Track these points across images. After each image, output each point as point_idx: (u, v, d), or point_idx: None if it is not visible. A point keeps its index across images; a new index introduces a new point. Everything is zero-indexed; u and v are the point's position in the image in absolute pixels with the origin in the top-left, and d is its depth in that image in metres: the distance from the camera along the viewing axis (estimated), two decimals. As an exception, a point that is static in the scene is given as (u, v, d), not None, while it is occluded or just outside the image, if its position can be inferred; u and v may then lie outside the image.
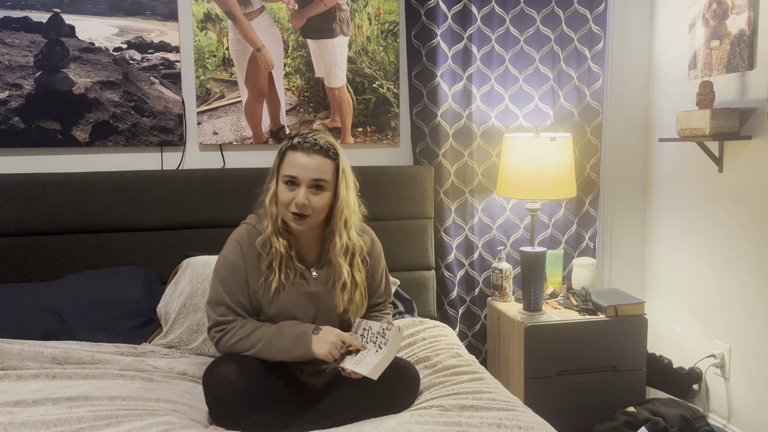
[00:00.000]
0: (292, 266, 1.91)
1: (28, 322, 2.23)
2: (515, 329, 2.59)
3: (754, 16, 2.39)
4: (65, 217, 2.49)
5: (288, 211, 1.85)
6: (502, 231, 2.96)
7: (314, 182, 1.84)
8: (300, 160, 1.84)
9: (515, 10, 2.84)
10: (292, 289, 1.91)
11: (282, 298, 1.90)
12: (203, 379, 1.82)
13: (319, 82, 2.80)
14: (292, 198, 1.84)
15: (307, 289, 1.92)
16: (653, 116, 3.04)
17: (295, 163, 1.84)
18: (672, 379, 2.75)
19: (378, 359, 1.80)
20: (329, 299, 1.94)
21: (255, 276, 1.90)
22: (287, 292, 1.90)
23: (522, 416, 1.74)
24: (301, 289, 1.92)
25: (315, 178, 1.84)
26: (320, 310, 1.94)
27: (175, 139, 2.69)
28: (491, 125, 2.89)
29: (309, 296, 1.93)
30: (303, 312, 1.92)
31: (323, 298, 1.94)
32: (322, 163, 1.85)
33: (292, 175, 1.84)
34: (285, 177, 1.85)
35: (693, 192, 2.78)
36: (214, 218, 2.59)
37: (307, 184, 1.84)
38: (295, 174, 1.84)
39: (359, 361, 1.82)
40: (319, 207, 1.86)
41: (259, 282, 1.90)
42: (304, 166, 1.83)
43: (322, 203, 1.86)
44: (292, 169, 1.84)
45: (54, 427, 1.62)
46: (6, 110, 2.52)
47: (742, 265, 2.54)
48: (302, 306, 1.92)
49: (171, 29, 2.65)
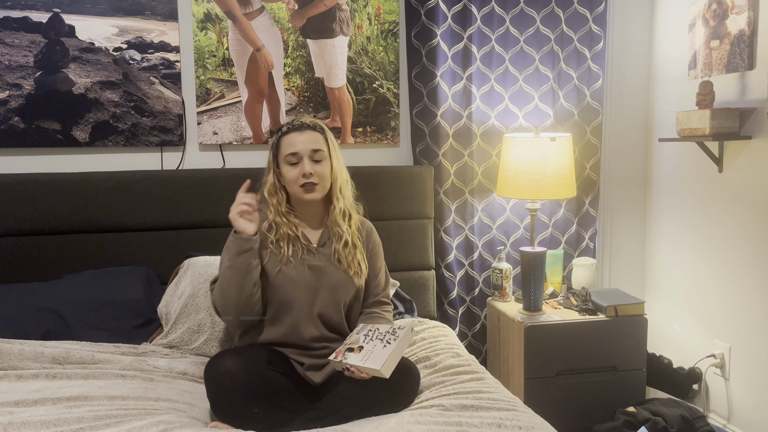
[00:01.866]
0: (299, 244, 2.04)
1: (28, 322, 2.23)
2: (515, 329, 2.59)
3: (754, 16, 2.39)
4: (65, 217, 2.49)
5: (297, 186, 2.00)
6: (502, 231, 2.96)
7: (313, 152, 2.01)
8: (296, 139, 2.01)
9: (515, 10, 2.84)
10: (297, 262, 2.01)
11: (287, 271, 1.99)
12: (205, 372, 1.84)
13: (319, 82, 2.80)
14: (298, 173, 2.00)
15: (310, 263, 2.03)
16: (653, 116, 3.04)
17: (293, 142, 2.01)
18: (672, 379, 2.75)
19: (388, 353, 1.77)
20: (331, 273, 2.03)
21: (264, 245, 2.01)
22: (293, 266, 2.00)
23: (522, 416, 1.74)
24: (305, 261, 2.02)
25: (313, 148, 2.01)
26: (322, 284, 2.01)
27: (175, 139, 2.69)
28: (491, 125, 2.89)
29: (312, 269, 2.02)
30: (306, 282, 2.00)
31: (326, 272, 2.03)
32: (314, 135, 2.03)
33: (293, 152, 2.00)
34: (287, 157, 2.00)
35: (693, 192, 2.78)
36: (214, 218, 2.59)
37: (308, 155, 2.00)
38: (295, 150, 2.00)
39: (366, 357, 1.79)
40: (323, 174, 2.02)
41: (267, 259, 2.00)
42: (301, 141, 2.01)
43: (325, 171, 2.03)
44: (292, 147, 2.00)
45: (54, 427, 1.62)
46: (6, 110, 2.52)
47: (742, 265, 2.54)
48: (305, 279, 2.00)
49: (171, 29, 2.65)
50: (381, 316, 2.09)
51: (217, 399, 1.79)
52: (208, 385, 1.81)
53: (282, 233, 2.02)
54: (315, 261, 2.03)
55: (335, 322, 2.03)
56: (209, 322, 2.27)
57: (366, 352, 1.82)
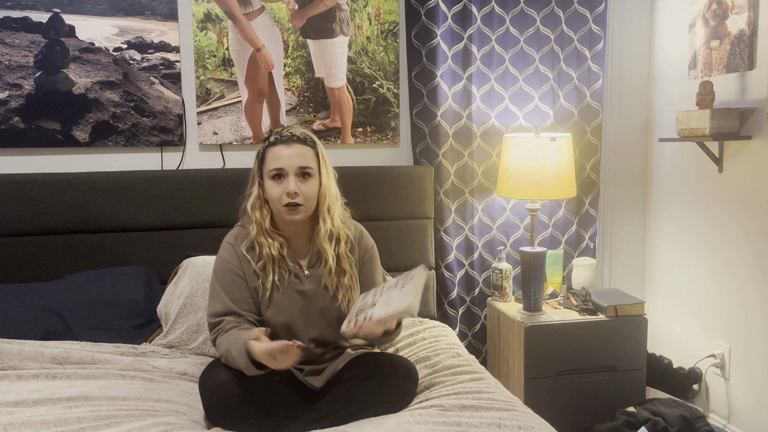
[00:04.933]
0: (286, 267, 1.92)
1: (28, 322, 2.23)
2: (515, 329, 2.59)
3: (754, 16, 2.39)
4: (65, 217, 2.49)
5: (281, 204, 1.87)
6: (502, 231, 2.96)
7: (300, 170, 1.87)
8: (282, 153, 1.87)
9: (515, 10, 2.84)
10: (286, 289, 1.91)
11: (276, 298, 1.91)
12: (199, 383, 1.82)
13: (319, 82, 2.80)
14: (282, 190, 1.86)
15: (300, 288, 1.93)
16: (653, 116, 3.04)
17: (279, 156, 1.87)
18: (672, 379, 2.75)
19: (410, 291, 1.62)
20: (322, 298, 1.94)
21: (252, 275, 1.91)
22: (281, 293, 1.91)
23: (522, 416, 1.74)
24: (294, 287, 1.92)
25: (300, 165, 1.87)
26: (313, 309, 1.94)
27: (175, 139, 2.69)
28: (491, 125, 2.89)
29: (302, 295, 1.93)
30: (297, 311, 1.92)
31: (316, 297, 1.94)
32: (303, 150, 1.88)
33: (278, 167, 1.86)
34: (271, 171, 1.87)
35: (693, 192, 2.78)
36: (214, 218, 2.59)
37: (294, 172, 1.86)
38: (280, 165, 1.86)
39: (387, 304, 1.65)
40: (309, 194, 1.88)
41: (257, 282, 1.91)
42: (288, 155, 1.87)
43: (311, 191, 1.89)
44: (277, 162, 1.86)
45: (54, 427, 1.63)
46: (6, 110, 2.52)
47: (742, 265, 2.54)
48: (296, 305, 1.92)
49: (171, 29, 2.65)
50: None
51: (212, 411, 1.77)
52: (203, 397, 1.79)
53: (266, 255, 1.89)
54: (304, 286, 1.93)
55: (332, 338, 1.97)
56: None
57: (383, 302, 1.69)
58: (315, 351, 1.95)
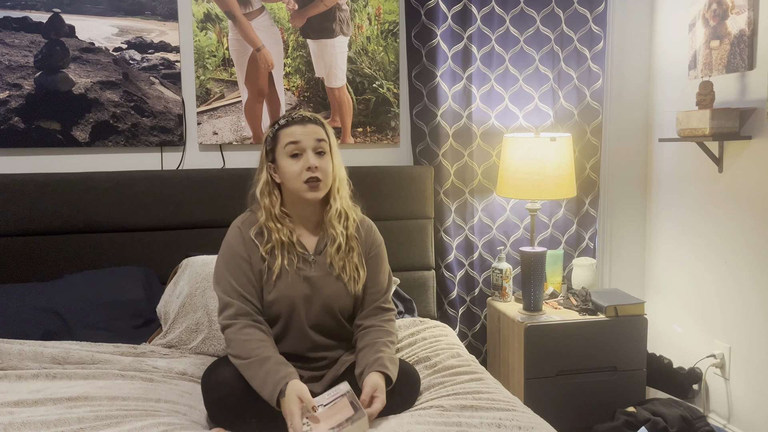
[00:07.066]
0: (294, 252, 1.93)
1: (28, 322, 2.23)
2: (515, 329, 2.59)
3: (754, 16, 2.39)
4: (65, 217, 2.49)
5: (300, 181, 1.88)
6: (502, 231, 2.96)
7: (317, 143, 1.89)
8: (298, 130, 1.89)
9: (515, 10, 2.84)
10: (292, 274, 1.92)
11: (281, 283, 1.91)
12: (202, 381, 1.83)
13: (319, 82, 2.79)
14: (301, 167, 1.87)
15: (306, 274, 1.93)
16: (653, 116, 3.04)
17: (295, 132, 1.89)
18: (672, 379, 2.75)
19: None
20: (326, 284, 1.94)
21: (258, 260, 1.92)
22: (287, 278, 1.91)
23: (522, 416, 1.74)
24: (300, 273, 1.93)
25: (317, 138, 1.89)
26: (317, 295, 1.93)
27: (175, 139, 2.69)
28: (491, 125, 2.89)
29: (307, 281, 1.93)
30: (301, 296, 1.92)
31: (321, 282, 1.94)
32: (316, 127, 1.92)
33: (295, 140, 1.88)
34: (289, 146, 1.88)
35: (693, 192, 2.78)
36: (213, 218, 2.59)
37: (312, 147, 1.88)
38: (298, 139, 1.88)
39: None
40: (327, 170, 1.90)
41: (263, 265, 1.91)
42: (304, 131, 1.89)
43: (327, 167, 1.91)
44: (294, 137, 1.88)
45: (54, 428, 1.62)
46: (6, 110, 2.52)
47: (742, 265, 2.54)
48: (300, 290, 1.92)
49: (171, 29, 2.65)
50: (381, 329, 1.96)
51: (214, 409, 1.77)
52: (205, 395, 1.79)
53: (275, 240, 1.90)
54: (311, 271, 1.93)
55: (332, 327, 1.97)
56: (206, 321, 2.27)
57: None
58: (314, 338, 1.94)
